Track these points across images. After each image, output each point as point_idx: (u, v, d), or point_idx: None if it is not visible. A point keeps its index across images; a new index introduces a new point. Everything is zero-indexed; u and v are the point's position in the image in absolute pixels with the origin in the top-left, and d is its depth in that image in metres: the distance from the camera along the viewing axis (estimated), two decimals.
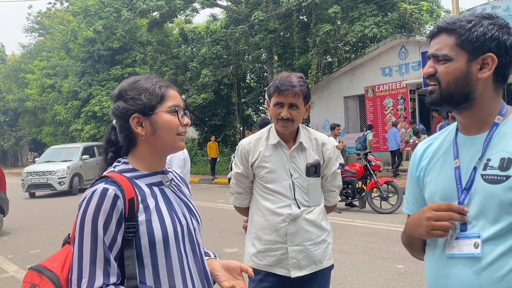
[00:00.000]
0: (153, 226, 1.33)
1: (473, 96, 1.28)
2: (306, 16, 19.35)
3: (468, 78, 1.27)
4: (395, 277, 4.89)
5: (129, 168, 1.40)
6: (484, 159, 1.27)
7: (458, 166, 1.32)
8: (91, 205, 1.27)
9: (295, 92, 2.14)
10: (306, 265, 2.23)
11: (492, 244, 1.22)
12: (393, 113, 16.05)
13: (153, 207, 1.36)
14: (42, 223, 9.91)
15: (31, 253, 7.03)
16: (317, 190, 2.30)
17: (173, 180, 1.51)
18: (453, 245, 1.29)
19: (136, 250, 1.31)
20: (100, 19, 23.18)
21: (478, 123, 1.32)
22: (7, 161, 43.75)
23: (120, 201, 1.28)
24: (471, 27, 1.26)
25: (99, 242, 1.25)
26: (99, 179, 1.34)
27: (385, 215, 8.48)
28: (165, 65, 21.87)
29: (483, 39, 1.25)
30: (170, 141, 1.41)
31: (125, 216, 1.29)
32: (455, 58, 1.27)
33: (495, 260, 1.20)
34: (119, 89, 1.44)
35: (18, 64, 36.47)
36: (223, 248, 6.53)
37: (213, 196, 12.92)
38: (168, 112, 1.40)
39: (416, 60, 15.18)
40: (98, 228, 1.25)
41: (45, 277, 1.29)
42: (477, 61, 1.26)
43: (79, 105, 25.10)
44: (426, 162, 1.44)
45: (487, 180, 1.24)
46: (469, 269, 1.24)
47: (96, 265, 1.24)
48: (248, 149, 2.32)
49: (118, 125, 1.42)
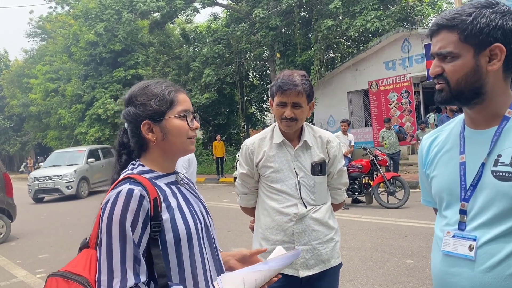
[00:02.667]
0: (177, 223, 1.36)
1: (484, 90, 1.23)
2: (307, 12, 19.28)
3: (477, 73, 1.22)
4: (404, 272, 4.86)
5: (147, 170, 1.43)
6: (493, 155, 1.22)
7: (463, 162, 1.28)
8: (117, 206, 1.29)
9: (298, 91, 2.11)
10: (314, 264, 2.21)
11: (493, 245, 1.18)
12: (398, 106, 15.98)
13: (175, 205, 1.39)
14: (49, 227, 9.94)
15: (40, 257, 7.05)
16: (323, 188, 2.28)
17: (184, 179, 1.56)
18: (448, 242, 1.27)
19: (162, 248, 1.33)
20: (101, 22, 23.23)
21: (488, 117, 1.27)
22: (14, 167, 43.93)
23: (146, 201, 1.30)
24: (473, 20, 1.20)
25: (128, 241, 1.27)
26: (122, 181, 1.36)
27: (392, 210, 8.45)
28: (167, 65, 21.89)
29: (488, 30, 1.19)
30: (181, 145, 1.45)
31: (150, 216, 1.32)
32: (461, 54, 1.22)
33: (495, 263, 1.17)
34: (130, 94, 1.46)
35: (21, 69, 36.63)
36: (230, 248, 6.48)
37: (219, 195, 12.93)
38: (177, 117, 1.42)
39: (419, 53, 15.09)
40: (127, 228, 1.27)
41: (73, 282, 1.28)
42: (485, 53, 1.21)
43: (83, 108, 25.17)
44: (432, 156, 1.41)
45: (497, 177, 1.19)
46: (466, 270, 1.21)
47: (126, 264, 1.26)
48: (253, 149, 2.30)
49: (130, 130, 1.46)
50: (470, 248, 1.20)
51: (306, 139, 2.24)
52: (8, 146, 39.41)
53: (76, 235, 8.16)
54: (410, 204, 8.68)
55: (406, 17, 16.91)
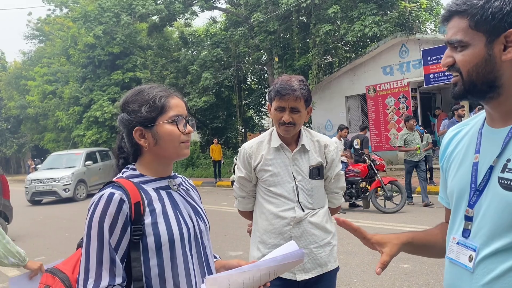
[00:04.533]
0: (159, 228, 1.36)
1: (500, 83, 1.09)
2: (305, 16, 19.35)
3: (490, 63, 1.08)
4: (401, 276, 4.87)
5: (137, 174, 1.45)
6: (503, 158, 1.09)
7: (476, 162, 1.15)
8: (97, 209, 1.33)
9: (296, 96, 2.12)
10: (311, 268, 2.22)
11: (493, 259, 1.07)
12: (395, 111, 16.03)
13: (159, 210, 1.40)
14: (46, 230, 9.91)
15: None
16: (320, 192, 2.29)
17: (181, 185, 1.56)
18: (453, 249, 1.20)
19: (143, 252, 1.35)
20: (99, 24, 23.23)
21: (505, 115, 1.13)
22: (10, 168, 43.78)
23: (125, 205, 1.33)
24: (484, 4, 1.06)
25: (106, 244, 1.30)
26: (107, 185, 1.40)
27: (389, 214, 8.45)
28: (165, 69, 21.90)
29: (501, 14, 1.05)
30: (173, 150, 1.46)
31: (132, 219, 1.33)
32: (472, 43, 1.09)
33: (493, 279, 1.07)
34: (123, 101, 1.50)
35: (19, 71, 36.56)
36: (228, 252, 6.51)
37: (217, 199, 12.92)
38: (168, 123, 1.44)
39: (417, 58, 15.15)
40: (104, 231, 1.30)
41: (57, 278, 1.39)
42: (499, 40, 1.07)
43: (80, 111, 25.12)
44: (450, 151, 1.30)
45: (503, 185, 1.07)
46: (466, 281, 1.14)
47: (102, 266, 1.29)
48: (250, 153, 2.31)
49: (125, 135, 1.49)
50: (470, 259, 1.12)
51: (304, 143, 2.26)
52: (5, 148, 39.28)
53: (72, 238, 8.14)
54: (407, 209, 8.69)
55: (404, 22, 16.99)
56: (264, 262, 1.41)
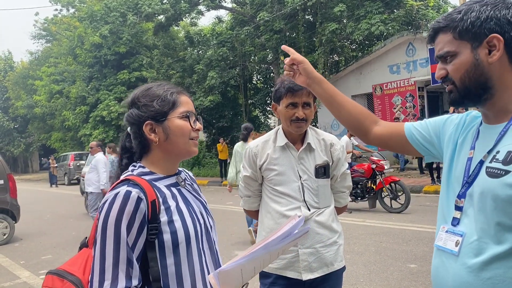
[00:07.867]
0: (175, 226, 1.34)
1: (491, 83, 1.20)
2: (311, 15, 19.29)
3: (479, 67, 1.20)
4: (408, 276, 4.84)
5: (147, 172, 1.43)
6: (493, 152, 1.19)
7: (471, 158, 1.25)
8: (114, 207, 1.28)
9: (308, 91, 2.12)
10: (317, 268, 2.20)
11: (477, 244, 1.16)
12: (402, 110, 15.95)
13: (174, 207, 1.38)
14: (53, 228, 9.96)
15: (43, 258, 7.06)
16: (326, 191, 2.27)
17: (186, 180, 1.54)
18: (441, 237, 1.28)
19: (159, 251, 1.32)
20: (106, 24, 23.33)
21: (498, 113, 1.23)
22: (18, 168, 44.10)
23: (143, 204, 1.29)
24: (463, 16, 1.21)
25: (122, 244, 1.26)
26: (121, 182, 1.35)
27: (396, 214, 8.41)
28: (171, 68, 21.92)
29: (479, 22, 1.18)
30: (183, 146, 1.45)
31: (148, 218, 1.30)
32: (459, 51, 1.22)
33: (477, 264, 1.15)
34: (132, 97, 1.48)
35: (26, 71, 36.83)
36: (234, 251, 6.51)
37: (222, 198, 12.91)
38: (180, 117, 1.43)
39: (424, 57, 15.06)
40: (121, 230, 1.26)
41: (67, 281, 1.31)
42: (483, 46, 1.19)
43: (87, 110, 25.26)
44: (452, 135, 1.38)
45: (488, 173, 1.16)
46: (451, 265, 1.22)
47: (118, 267, 1.25)
48: (256, 152, 2.29)
49: (132, 132, 1.46)
50: (456, 244, 1.21)
51: (310, 141, 2.24)
52: (13, 147, 39.56)
53: (79, 237, 8.17)
54: (414, 209, 8.64)
55: (411, 21, 16.89)
56: (273, 242, 1.38)
